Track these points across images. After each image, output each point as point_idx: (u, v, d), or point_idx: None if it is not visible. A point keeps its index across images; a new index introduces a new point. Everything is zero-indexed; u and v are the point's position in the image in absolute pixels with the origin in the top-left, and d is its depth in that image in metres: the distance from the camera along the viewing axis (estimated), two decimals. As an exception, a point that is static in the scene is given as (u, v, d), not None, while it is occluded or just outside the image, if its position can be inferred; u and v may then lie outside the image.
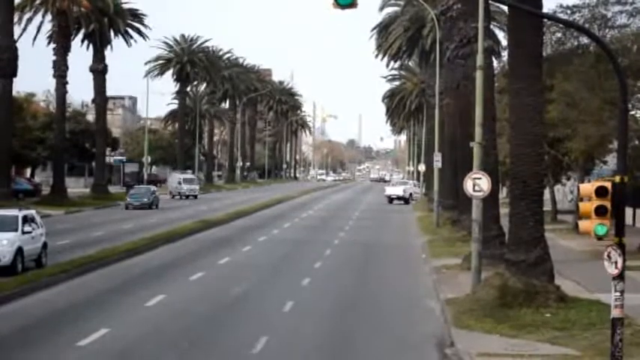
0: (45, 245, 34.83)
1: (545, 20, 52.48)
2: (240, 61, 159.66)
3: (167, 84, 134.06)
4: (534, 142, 26.67)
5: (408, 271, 37.93)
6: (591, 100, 42.16)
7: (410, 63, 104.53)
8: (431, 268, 37.72)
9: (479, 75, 28.28)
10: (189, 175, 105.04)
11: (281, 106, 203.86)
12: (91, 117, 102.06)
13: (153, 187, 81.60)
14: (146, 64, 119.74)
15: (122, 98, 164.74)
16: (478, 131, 28.54)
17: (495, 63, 51.81)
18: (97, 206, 78.54)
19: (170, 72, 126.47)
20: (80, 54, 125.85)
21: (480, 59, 28.48)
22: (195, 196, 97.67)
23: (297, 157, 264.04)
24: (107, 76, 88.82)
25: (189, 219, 60.72)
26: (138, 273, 34.83)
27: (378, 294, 31.05)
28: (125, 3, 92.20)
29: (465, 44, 37.88)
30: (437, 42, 60.91)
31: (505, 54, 51.40)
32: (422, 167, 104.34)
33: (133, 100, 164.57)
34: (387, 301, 29.46)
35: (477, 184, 28.07)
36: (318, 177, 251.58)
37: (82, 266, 34.37)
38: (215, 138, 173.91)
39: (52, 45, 79.25)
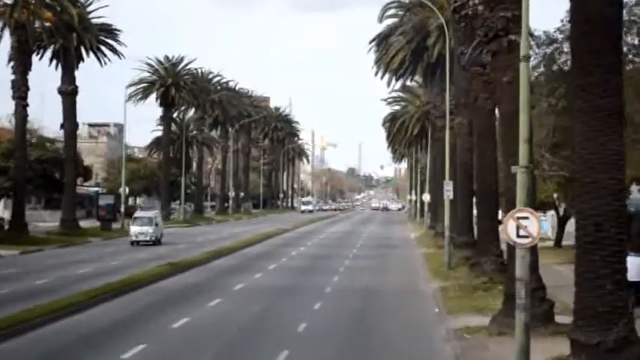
0: None
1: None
2: (232, 84, 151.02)
3: (157, 110, 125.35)
4: (612, 165, 17.95)
5: (419, 334, 28.99)
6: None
7: (412, 83, 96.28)
8: (448, 329, 28.85)
9: (523, 68, 19.48)
10: (144, 213, 76.23)
11: (277, 133, 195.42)
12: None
13: None
14: (128, 87, 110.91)
15: (107, 125, 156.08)
16: (524, 150, 19.69)
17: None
18: (62, 244, 69.56)
19: (154, 96, 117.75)
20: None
21: (524, 47, 19.71)
22: (154, 242, 69.78)
23: (295, 186, 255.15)
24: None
25: (157, 260, 51.87)
26: (54, 348, 25.72)
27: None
28: (98, 17, 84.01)
29: (491, 39, 29.10)
30: (446, 51, 52.40)
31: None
32: (427, 197, 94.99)
33: (119, 127, 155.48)
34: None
35: (523, 226, 19.27)
36: (302, 207, 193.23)
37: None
38: (208, 166, 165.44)
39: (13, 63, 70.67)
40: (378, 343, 27.16)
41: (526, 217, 19.36)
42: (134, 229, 70.59)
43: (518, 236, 19.49)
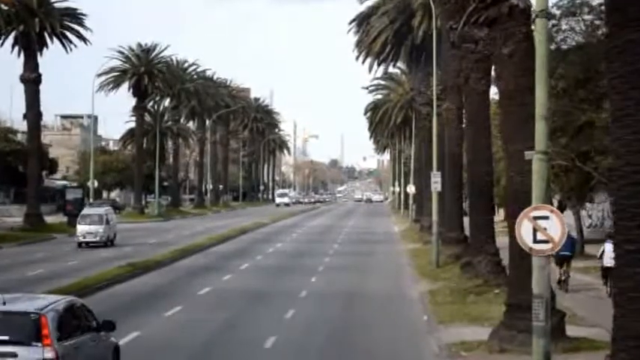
0: None
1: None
2: (209, 73, 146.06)
3: (133, 101, 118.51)
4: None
5: (406, 350, 24.83)
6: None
7: (396, 70, 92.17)
8: (440, 344, 24.74)
9: (540, 25, 15.24)
10: (93, 209, 64.58)
11: (257, 124, 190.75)
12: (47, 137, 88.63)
13: None
14: (98, 76, 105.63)
15: (80, 117, 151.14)
16: (540, 130, 15.47)
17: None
18: (24, 241, 65.14)
19: (127, 86, 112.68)
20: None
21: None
22: (105, 243, 60.90)
23: (277, 178, 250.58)
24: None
25: (119, 260, 47.50)
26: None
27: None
28: (61, 1, 79.33)
29: (488, 5, 24.86)
30: (433, 30, 48.24)
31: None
32: (411, 189, 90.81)
33: (93, 119, 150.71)
34: None
35: (542, 228, 15.08)
36: (277, 200, 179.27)
37: None
38: (187, 159, 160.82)
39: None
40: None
41: (545, 217, 15.18)
42: (81, 228, 61.28)
43: (536, 241, 15.30)
